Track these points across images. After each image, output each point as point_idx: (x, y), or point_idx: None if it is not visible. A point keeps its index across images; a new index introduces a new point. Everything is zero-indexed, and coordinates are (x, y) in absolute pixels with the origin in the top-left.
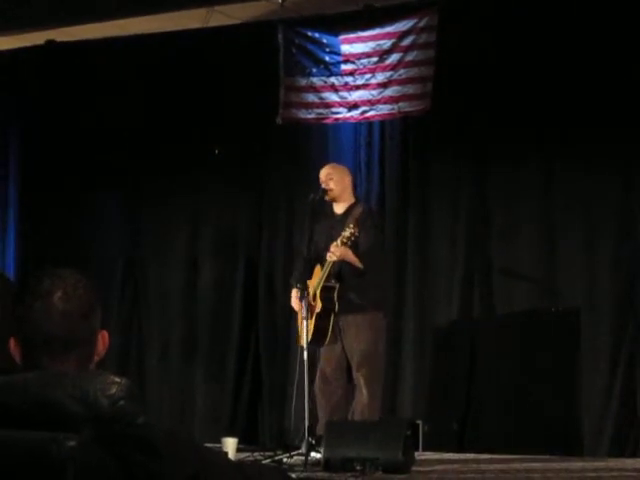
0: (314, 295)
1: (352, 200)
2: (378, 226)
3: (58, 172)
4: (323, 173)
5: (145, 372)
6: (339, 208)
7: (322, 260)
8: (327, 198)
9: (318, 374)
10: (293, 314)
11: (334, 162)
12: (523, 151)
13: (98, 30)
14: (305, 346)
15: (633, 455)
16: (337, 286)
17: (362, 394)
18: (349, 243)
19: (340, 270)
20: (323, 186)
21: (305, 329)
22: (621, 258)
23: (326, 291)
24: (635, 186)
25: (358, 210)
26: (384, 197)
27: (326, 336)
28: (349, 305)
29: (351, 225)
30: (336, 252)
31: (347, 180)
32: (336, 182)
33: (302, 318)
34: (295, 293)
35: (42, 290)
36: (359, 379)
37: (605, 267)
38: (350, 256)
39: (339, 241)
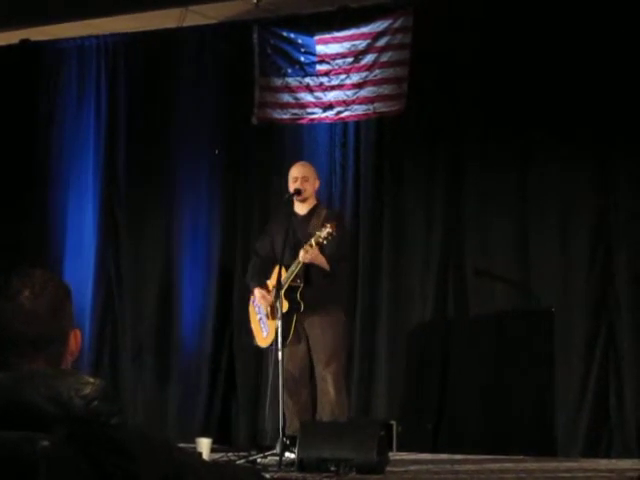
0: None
1: (315, 201)
2: (344, 229)
3: (31, 171)
4: (298, 172)
5: (119, 372)
6: (302, 208)
7: (281, 260)
8: (298, 199)
9: (285, 375)
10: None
11: (302, 161)
12: (497, 151)
13: (73, 29)
14: (279, 346)
15: (606, 456)
16: (301, 286)
17: (329, 392)
18: (325, 243)
19: (307, 270)
20: (297, 185)
21: (262, 329)
22: (595, 258)
23: (291, 291)
24: (609, 187)
25: (323, 212)
26: (359, 197)
27: (288, 336)
28: (313, 305)
29: (327, 225)
30: (307, 254)
31: (317, 184)
32: (310, 184)
33: (264, 318)
34: (259, 292)
35: (10, 290)
36: (326, 377)
37: (579, 267)
38: (321, 259)
39: (313, 241)
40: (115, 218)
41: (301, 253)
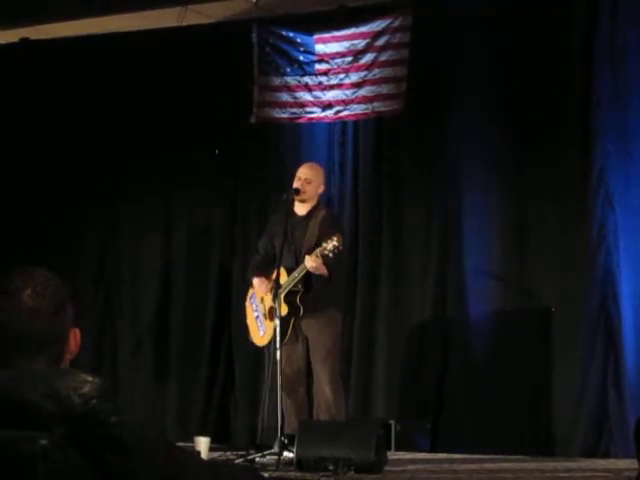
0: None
1: (315, 202)
2: (341, 232)
3: (31, 171)
4: (302, 173)
5: (118, 371)
6: (301, 209)
7: (282, 261)
8: (297, 198)
9: (283, 375)
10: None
11: (313, 162)
12: (496, 151)
13: (72, 28)
14: (278, 345)
15: (605, 456)
16: (301, 291)
17: (326, 392)
18: (331, 255)
19: (307, 275)
20: (297, 185)
21: (258, 327)
22: (594, 259)
23: (290, 295)
24: (607, 187)
25: (321, 214)
26: (357, 197)
27: (285, 335)
28: (311, 307)
29: (334, 238)
30: (312, 264)
31: (321, 189)
32: (312, 187)
33: (260, 317)
34: (257, 280)
35: (11, 288)
36: (323, 377)
37: (579, 266)
38: (322, 270)
39: (319, 252)
40: (113, 220)
41: (307, 261)
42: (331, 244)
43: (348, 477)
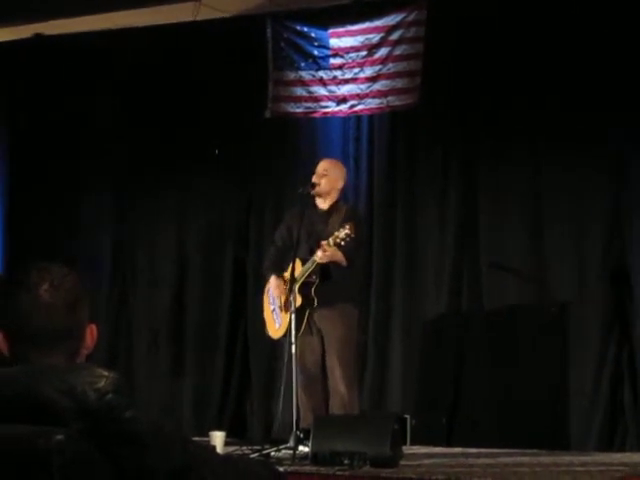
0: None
1: (336, 197)
2: (362, 226)
3: (46, 167)
4: (320, 167)
5: (133, 365)
6: (323, 203)
7: (299, 253)
8: (312, 192)
9: (298, 369)
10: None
11: (332, 157)
12: (511, 146)
13: (86, 23)
14: (293, 340)
15: (620, 449)
16: (316, 282)
17: (340, 387)
18: (342, 244)
19: (324, 266)
20: (314, 179)
21: (274, 320)
22: (610, 255)
23: (305, 287)
24: (624, 183)
25: (342, 209)
26: (372, 191)
27: (299, 329)
28: (325, 300)
29: (346, 226)
30: (325, 255)
31: (340, 183)
32: (328, 181)
33: (277, 310)
34: (275, 281)
35: (29, 283)
36: (336, 370)
37: (594, 264)
38: (339, 257)
39: (331, 240)
40: (129, 215)
41: (318, 253)
42: (343, 232)
43: (363, 471)
